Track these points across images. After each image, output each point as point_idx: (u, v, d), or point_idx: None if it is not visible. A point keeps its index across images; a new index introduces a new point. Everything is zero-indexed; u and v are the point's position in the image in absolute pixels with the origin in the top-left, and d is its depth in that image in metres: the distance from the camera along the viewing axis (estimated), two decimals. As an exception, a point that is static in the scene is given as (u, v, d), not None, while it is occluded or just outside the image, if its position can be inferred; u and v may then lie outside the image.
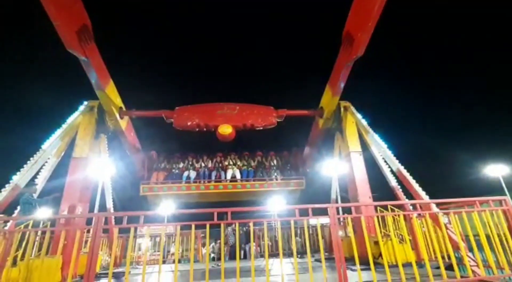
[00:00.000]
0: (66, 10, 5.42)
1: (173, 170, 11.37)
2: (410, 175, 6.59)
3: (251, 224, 3.63)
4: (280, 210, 13.29)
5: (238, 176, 11.12)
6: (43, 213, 5.96)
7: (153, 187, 10.65)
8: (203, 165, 11.43)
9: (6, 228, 5.46)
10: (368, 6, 5.44)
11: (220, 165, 11.49)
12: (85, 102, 8.24)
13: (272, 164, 11.71)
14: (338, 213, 3.94)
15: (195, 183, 10.83)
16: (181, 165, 11.55)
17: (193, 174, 11.05)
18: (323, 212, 3.85)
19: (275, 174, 11.34)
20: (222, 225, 3.60)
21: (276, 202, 12.83)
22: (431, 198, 6.11)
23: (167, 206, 11.46)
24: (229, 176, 11.06)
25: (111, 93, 7.88)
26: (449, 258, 5.00)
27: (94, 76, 6.96)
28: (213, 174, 11.10)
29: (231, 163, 11.51)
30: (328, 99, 8.55)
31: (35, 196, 6.38)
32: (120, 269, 8.76)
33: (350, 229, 3.81)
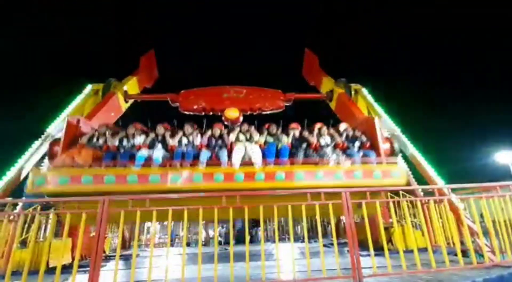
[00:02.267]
0: None
1: (121, 148, 5.54)
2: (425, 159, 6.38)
3: (260, 208, 3.50)
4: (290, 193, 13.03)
5: (256, 157, 5.29)
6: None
7: (59, 173, 4.90)
8: (185, 141, 5.65)
9: (15, 211, 5.49)
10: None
11: (221, 141, 5.82)
12: (89, 86, 8.12)
13: (324, 142, 5.93)
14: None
15: (162, 167, 5.12)
16: (138, 139, 5.67)
17: (159, 153, 5.26)
18: (336, 197, 3.70)
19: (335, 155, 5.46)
20: (230, 210, 3.48)
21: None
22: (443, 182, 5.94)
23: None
24: (237, 158, 5.25)
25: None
26: (462, 244, 4.89)
27: None
28: (205, 153, 5.29)
29: (241, 138, 5.77)
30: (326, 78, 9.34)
31: None
32: (128, 252, 8.92)
33: (364, 214, 3.66)
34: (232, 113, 8.33)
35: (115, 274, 3.18)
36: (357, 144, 5.91)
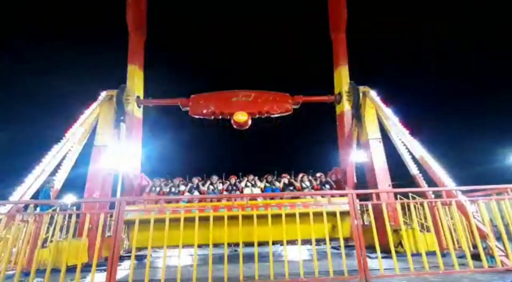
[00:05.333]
0: None
1: (171, 193, 8.29)
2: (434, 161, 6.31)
3: (268, 212, 3.61)
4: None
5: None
6: (69, 199, 6.28)
7: (140, 209, 7.02)
8: (211, 188, 8.47)
9: (36, 211, 5.79)
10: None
11: (235, 187, 8.59)
12: (104, 92, 8.44)
13: (305, 185, 8.54)
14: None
15: (198, 203, 7.72)
16: (181, 188, 8.50)
17: (196, 195, 8.29)
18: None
19: (309, 189, 8.40)
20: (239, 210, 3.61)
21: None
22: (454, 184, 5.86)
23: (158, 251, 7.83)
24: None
25: (138, 76, 8.80)
26: (474, 247, 4.83)
27: (134, 21, 8.01)
28: (225, 194, 8.31)
29: (248, 184, 8.65)
30: (339, 76, 8.77)
31: (53, 189, 6.69)
32: (141, 252, 9.15)
33: (370, 217, 3.72)
34: (241, 117, 8.49)
35: (131, 273, 3.35)
36: (327, 186, 8.54)
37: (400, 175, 8.48)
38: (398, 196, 6.89)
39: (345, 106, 8.81)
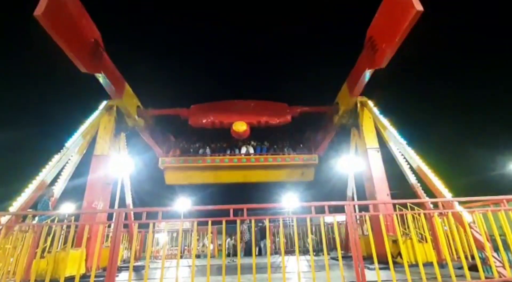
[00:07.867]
0: (77, 37, 5.45)
1: (191, 149, 11.69)
2: (431, 172, 6.35)
3: (266, 221, 3.64)
4: (295, 207, 13.09)
5: (251, 151, 11.36)
6: (67, 208, 6.27)
7: (171, 159, 10.57)
8: (218, 144, 11.87)
9: (34, 222, 5.77)
10: (399, 18, 4.91)
11: (235, 143, 11.74)
12: (105, 102, 8.50)
13: (285, 143, 12.06)
14: (355, 211, 3.88)
15: (210, 156, 10.91)
16: (197, 145, 11.90)
17: (208, 151, 11.42)
18: (340, 210, 3.80)
19: (287, 150, 11.46)
20: (238, 221, 3.63)
21: (290, 196, 13.19)
22: (451, 194, 5.88)
23: (187, 181, 11.03)
24: (243, 151, 11.27)
25: (127, 97, 8.05)
26: (472, 258, 4.82)
27: (110, 88, 7.19)
28: (228, 151, 11.45)
29: (245, 142, 11.67)
30: (345, 97, 8.39)
31: (52, 199, 6.71)
32: (139, 263, 9.07)
33: (367, 227, 3.73)
34: (240, 126, 8.60)
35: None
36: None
37: (399, 184, 8.52)
38: (397, 206, 6.89)
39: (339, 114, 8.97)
